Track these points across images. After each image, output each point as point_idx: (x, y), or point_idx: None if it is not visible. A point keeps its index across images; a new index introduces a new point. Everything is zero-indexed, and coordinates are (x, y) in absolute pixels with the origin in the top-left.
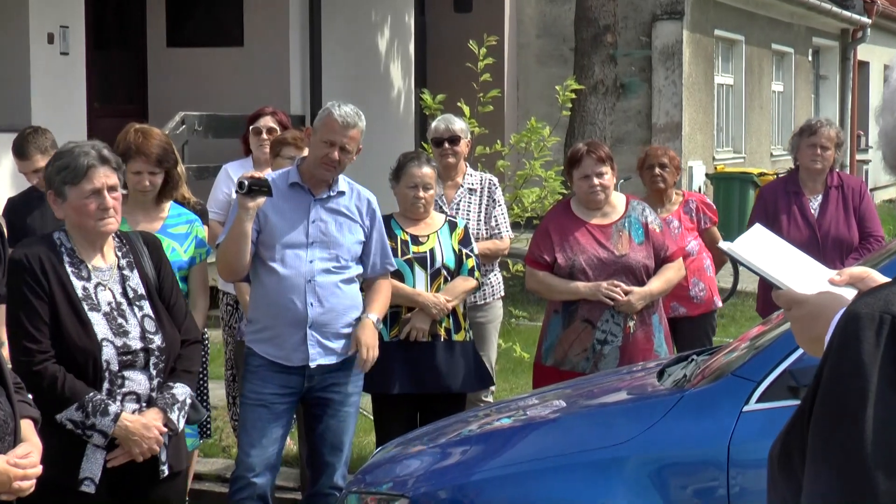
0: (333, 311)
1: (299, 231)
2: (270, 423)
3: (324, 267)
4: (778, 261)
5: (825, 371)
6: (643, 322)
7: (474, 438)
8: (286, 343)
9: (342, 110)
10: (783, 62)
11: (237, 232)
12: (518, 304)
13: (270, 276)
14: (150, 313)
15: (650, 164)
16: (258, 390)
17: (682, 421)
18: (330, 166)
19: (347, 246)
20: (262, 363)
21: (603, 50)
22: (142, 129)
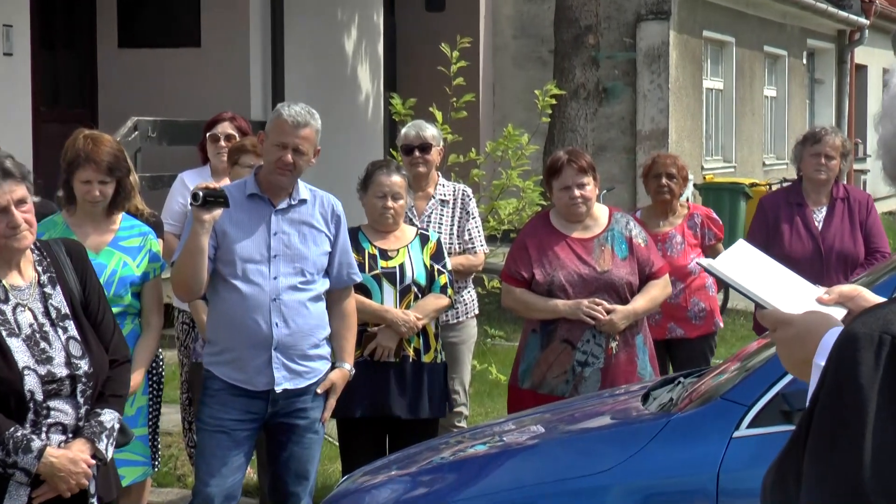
0: (300, 332)
1: (261, 245)
2: (231, 451)
3: (289, 283)
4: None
5: (822, 394)
6: (626, 343)
7: (447, 467)
8: (249, 366)
9: (292, 110)
10: (776, 65)
11: (193, 247)
12: (494, 322)
13: (231, 293)
14: (75, 335)
15: (657, 172)
16: (218, 415)
17: (668, 447)
18: (284, 170)
19: (313, 259)
20: (222, 387)
21: (584, 52)
22: (91, 136)
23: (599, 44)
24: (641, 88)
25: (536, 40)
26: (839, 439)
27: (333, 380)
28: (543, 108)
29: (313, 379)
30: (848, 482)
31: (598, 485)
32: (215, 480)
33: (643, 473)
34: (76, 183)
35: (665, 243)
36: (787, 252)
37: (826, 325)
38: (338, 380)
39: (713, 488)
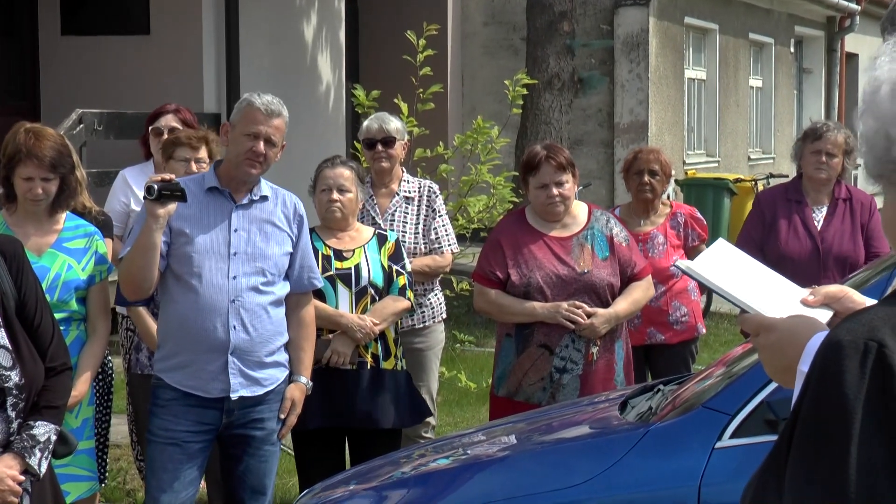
0: (259, 337)
1: (219, 242)
2: (183, 465)
3: (249, 284)
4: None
5: (804, 406)
6: (606, 348)
7: (412, 480)
8: (203, 372)
9: (263, 98)
10: (762, 54)
11: (145, 243)
12: (463, 327)
13: (185, 294)
14: (6, 344)
15: (638, 168)
16: (169, 427)
17: (647, 459)
18: (255, 161)
19: (274, 259)
20: (174, 396)
21: (558, 40)
22: (33, 130)
23: (575, 31)
24: (619, 78)
25: (508, 27)
26: (822, 454)
27: (291, 397)
28: (514, 99)
29: (270, 387)
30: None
31: (572, 499)
32: (167, 496)
33: (620, 487)
34: (17, 180)
35: (646, 244)
36: (784, 251)
37: (811, 329)
38: (296, 396)
39: (694, 501)
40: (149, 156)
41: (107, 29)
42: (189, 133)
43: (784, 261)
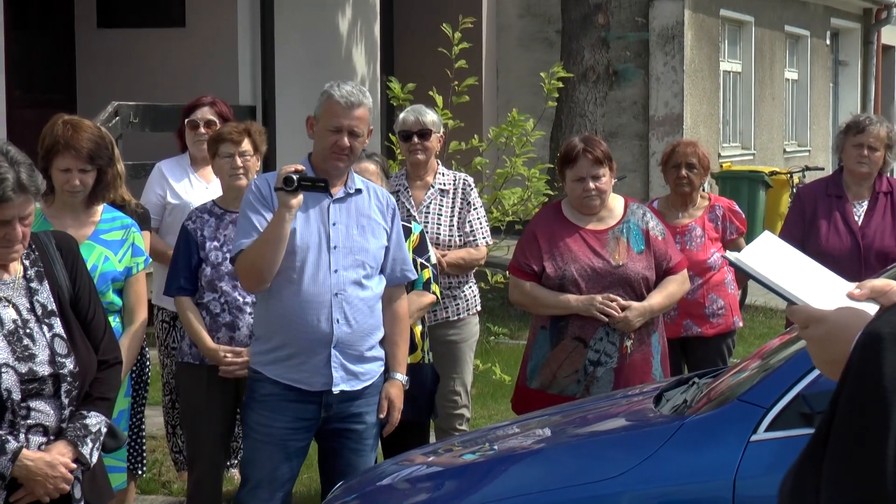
0: (360, 331)
1: (319, 235)
2: (281, 462)
3: (350, 278)
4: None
5: (842, 398)
6: (641, 341)
7: (446, 473)
8: (306, 365)
9: (343, 90)
10: (798, 46)
11: (276, 235)
12: (497, 319)
13: (288, 287)
14: (61, 332)
15: (676, 162)
16: (267, 423)
17: (682, 452)
18: (341, 154)
19: (373, 252)
20: (273, 391)
21: (594, 32)
22: (71, 121)
23: (610, 23)
24: (654, 71)
25: (543, 20)
26: (860, 446)
27: (388, 395)
28: (550, 92)
29: (368, 382)
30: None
31: (606, 492)
32: (263, 492)
33: (654, 480)
34: (54, 171)
35: (684, 236)
36: (824, 248)
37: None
38: (393, 394)
39: (729, 496)
40: (184, 148)
41: (142, 22)
42: (230, 128)
43: (824, 257)
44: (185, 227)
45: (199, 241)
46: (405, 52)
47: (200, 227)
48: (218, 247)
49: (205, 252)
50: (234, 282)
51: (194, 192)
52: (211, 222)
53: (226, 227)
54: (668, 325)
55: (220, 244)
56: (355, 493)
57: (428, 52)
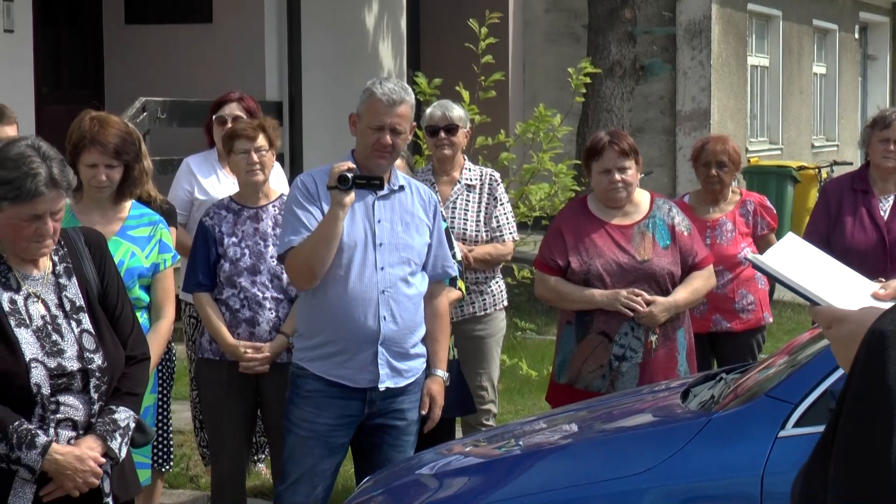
0: (406, 328)
1: (365, 233)
2: (323, 458)
3: (397, 275)
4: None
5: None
6: (667, 337)
7: (473, 468)
8: (352, 362)
9: (385, 87)
10: (826, 40)
11: (329, 233)
12: (524, 315)
13: (335, 284)
14: (89, 328)
15: (706, 160)
16: (311, 419)
17: (709, 448)
18: (383, 152)
19: (417, 249)
20: (317, 387)
21: (620, 27)
22: (98, 117)
23: (636, 18)
24: (681, 66)
25: (569, 15)
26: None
27: (429, 392)
28: (577, 87)
29: (412, 378)
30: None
31: (633, 488)
32: (304, 487)
33: (681, 476)
34: (81, 167)
35: (714, 230)
36: (849, 243)
37: None
38: (434, 390)
39: (757, 492)
40: (212, 144)
41: (170, 17)
42: (244, 124)
43: (850, 253)
44: (202, 224)
45: (216, 237)
46: (431, 47)
47: (218, 224)
48: (236, 242)
49: (223, 248)
50: (252, 277)
51: (222, 188)
52: (229, 218)
53: (243, 222)
54: (697, 320)
55: (239, 240)
56: (382, 488)
57: (454, 48)
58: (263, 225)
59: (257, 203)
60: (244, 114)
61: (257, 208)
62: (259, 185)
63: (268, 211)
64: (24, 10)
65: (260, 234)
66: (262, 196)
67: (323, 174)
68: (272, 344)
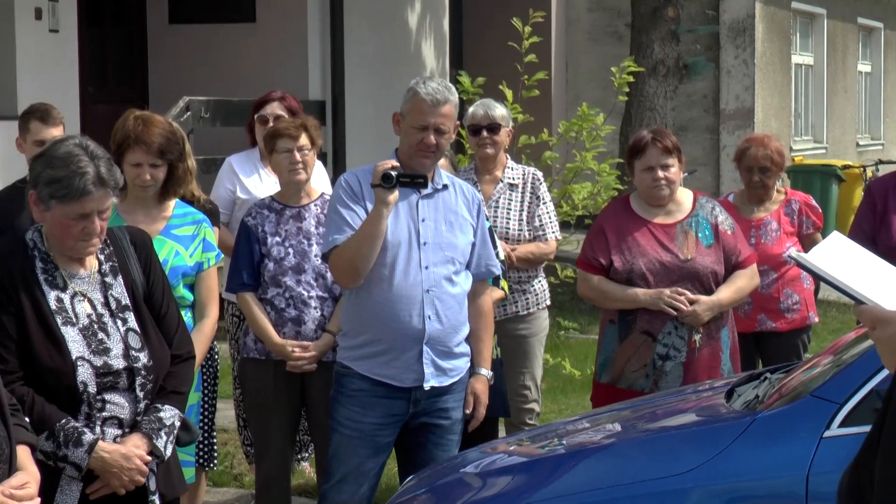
0: (450, 327)
1: (409, 232)
2: (369, 458)
3: (441, 274)
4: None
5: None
6: (710, 336)
7: (517, 467)
8: (398, 361)
9: (429, 87)
10: (871, 38)
11: (373, 231)
12: (567, 314)
13: (379, 283)
14: (135, 327)
15: (748, 165)
16: (356, 418)
17: (754, 448)
18: (427, 152)
19: (461, 248)
20: (362, 386)
21: (664, 25)
22: (142, 116)
23: (680, 16)
24: (725, 64)
25: (612, 13)
26: None
27: (473, 391)
28: (620, 86)
29: (456, 377)
30: None
31: (678, 487)
32: (349, 487)
33: (726, 476)
34: (126, 166)
35: (759, 230)
36: (895, 243)
37: None
38: (478, 389)
39: (802, 491)
40: (254, 143)
41: (213, 17)
42: (286, 123)
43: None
44: (244, 223)
45: (259, 237)
46: (474, 46)
47: (261, 223)
48: (280, 241)
49: (266, 247)
50: (297, 276)
51: (263, 187)
52: (271, 218)
53: (286, 221)
54: (742, 319)
55: (282, 239)
56: (425, 487)
57: (497, 47)
58: (306, 224)
59: (299, 202)
60: (286, 113)
61: (299, 207)
62: (301, 184)
63: (310, 210)
64: (70, 11)
65: (303, 234)
66: (304, 195)
67: (367, 173)
68: (318, 343)
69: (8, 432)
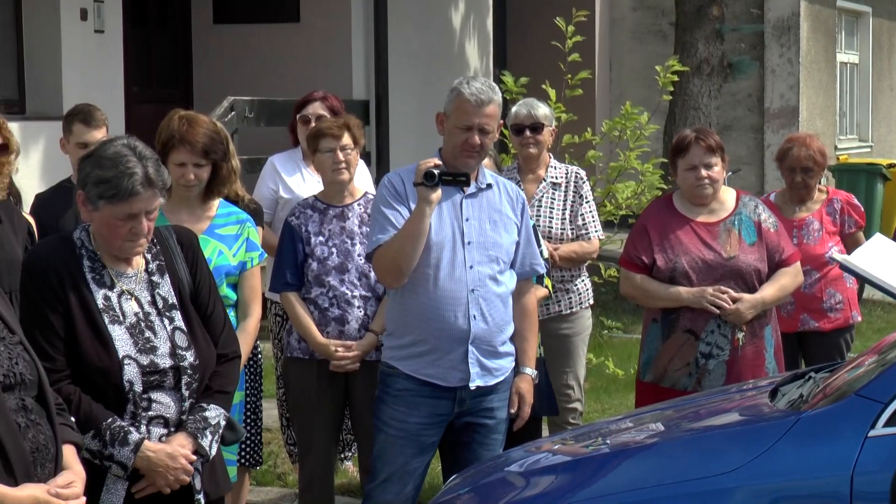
0: (496, 327)
1: (454, 231)
2: (414, 457)
3: (486, 273)
4: None
5: None
6: (754, 334)
7: (560, 466)
8: (443, 361)
9: (472, 87)
10: None
11: (416, 230)
12: (611, 313)
13: (424, 283)
14: (181, 325)
15: (790, 166)
16: (401, 418)
17: (798, 447)
18: (472, 152)
19: (505, 247)
20: (408, 386)
21: (708, 24)
22: (187, 116)
23: (724, 15)
24: (770, 63)
25: (656, 12)
26: None
27: (518, 391)
28: (664, 85)
29: (501, 377)
30: None
31: (722, 487)
32: (394, 486)
33: (770, 475)
34: (170, 166)
35: (801, 230)
36: None
37: None
38: (523, 389)
39: (846, 491)
40: (297, 143)
41: (257, 17)
42: (329, 123)
43: None
44: (288, 223)
45: (303, 237)
46: (518, 45)
47: (304, 223)
48: (323, 241)
49: (310, 247)
50: (340, 276)
51: (306, 187)
52: (315, 217)
53: (329, 221)
54: (785, 319)
55: (326, 239)
56: (469, 486)
57: (541, 46)
58: (350, 223)
59: (343, 202)
60: (327, 113)
61: (343, 207)
62: (345, 183)
63: (353, 209)
64: (115, 11)
65: (347, 233)
66: (348, 194)
67: (410, 173)
68: (362, 342)
69: (54, 432)
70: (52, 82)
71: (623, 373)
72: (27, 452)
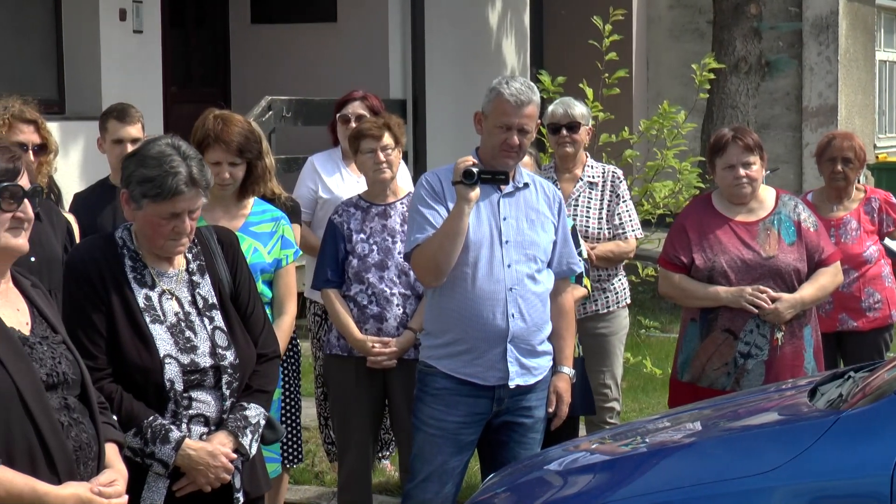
0: (534, 326)
1: (491, 230)
2: (453, 456)
3: (524, 272)
4: None
5: None
6: (793, 334)
7: (598, 466)
8: (482, 360)
9: (512, 87)
10: None
11: (455, 229)
12: (648, 312)
13: (462, 282)
14: (221, 325)
15: (831, 156)
16: (440, 416)
17: (838, 447)
18: (511, 152)
19: (543, 246)
20: (446, 385)
21: (745, 22)
22: (222, 116)
23: (762, 13)
24: (808, 61)
25: (693, 10)
26: None
27: (556, 390)
28: (701, 84)
29: (539, 376)
30: None
31: (761, 486)
32: (433, 486)
33: (809, 475)
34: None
35: (839, 229)
36: None
37: None
38: (561, 388)
39: (887, 491)
40: (336, 142)
41: (295, 17)
42: (370, 123)
43: None
44: (331, 222)
45: (345, 234)
46: (555, 44)
47: (347, 221)
48: (364, 239)
49: (351, 245)
50: (380, 273)
51: (345, 186)
52: (357, 215)
53: (371, 219)
54: (823, 319)
55: (367, 236)
56: (507, 485)
57: (578, 45)
58: (391, 222)
59: (385, 200)
60: (367, 112)
61: (385, 205)
62: (387, 182)
63: (396, 208)
64: (153, 11)
65: (388, 231)
66: (391, 193)
67: (448, 172)
68: (399, 339)
69: (96, 430)
70: (91, 83)
71: (661, 372)
72: (70, 451)
